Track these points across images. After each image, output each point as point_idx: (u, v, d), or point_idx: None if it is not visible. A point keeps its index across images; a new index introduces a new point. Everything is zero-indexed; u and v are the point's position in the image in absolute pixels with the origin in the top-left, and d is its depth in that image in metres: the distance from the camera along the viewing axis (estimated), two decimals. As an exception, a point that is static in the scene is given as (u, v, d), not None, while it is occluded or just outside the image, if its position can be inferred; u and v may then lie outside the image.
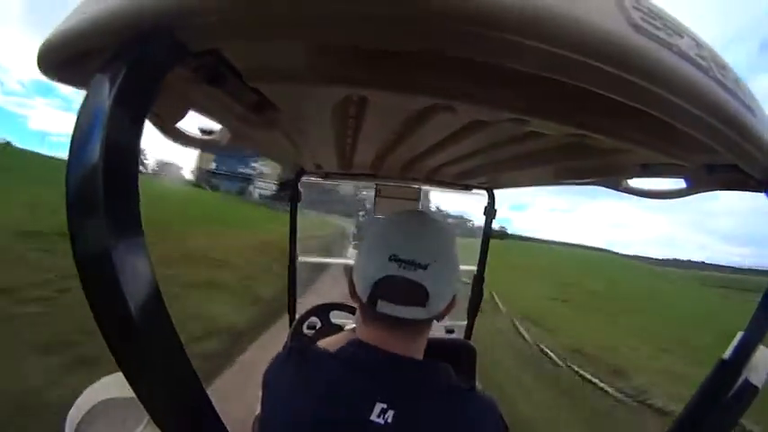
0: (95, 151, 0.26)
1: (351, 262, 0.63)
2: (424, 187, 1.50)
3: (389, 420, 0.51)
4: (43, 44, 0.35)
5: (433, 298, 0.56)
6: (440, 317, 0.62)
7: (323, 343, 0.83)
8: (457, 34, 0.29)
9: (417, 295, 0.56)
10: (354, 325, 1.07)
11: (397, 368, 0.57)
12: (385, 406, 0.52)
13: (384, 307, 0.57)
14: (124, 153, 0.27)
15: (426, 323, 0.61)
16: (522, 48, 0.29)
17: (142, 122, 0.29)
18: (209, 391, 0.32)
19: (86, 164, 0.26)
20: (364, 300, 0.59)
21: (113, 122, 0.27)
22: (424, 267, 0.56)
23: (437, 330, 1.83)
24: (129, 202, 0.28)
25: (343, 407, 0.52)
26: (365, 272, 0.59)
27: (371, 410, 0.51)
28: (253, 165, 40.28)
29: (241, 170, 40.78)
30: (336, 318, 1.60)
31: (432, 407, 0.54)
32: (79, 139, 0.27)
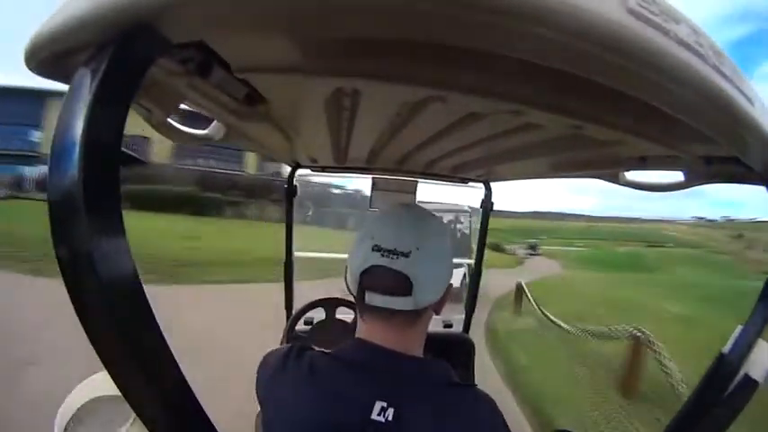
0: (77, 145, 0.26)
1: None
2: (421, 180, 1.49)
3: (390, 418, 0.51)
4: (30, 41, 0.35)
5: (419, 287, 0.56)
6: (435, 308, 0.61)
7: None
8: (450, 22, 0.28)
9: (401, 284, 0.55)
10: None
11: (395, 365, 0.56)
12: (385, 404, 0.52)
13: (371, 298, 0.57)
14: (105, 147, 0.27)
15: (417, 314, 0.59)
16: (516, 35, 0.28)
17: (124, 116, 0.28)
18: None
19: (67, 158, 0.26)
20: (355, 293, 0.60)
21: (95, 117, 0.26)
22: (406, 255, 0.55)
23: (436, 324, 1.84)
24: (110, 197, 0.27)
25: (344, 407, 0.52)
26: (353, 265, 0.59)
27: (372, 409, 0.51)
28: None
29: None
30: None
31: (431, 404, 0.54)
32: (61, 134, 0.27)
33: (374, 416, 0.51)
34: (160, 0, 0.27)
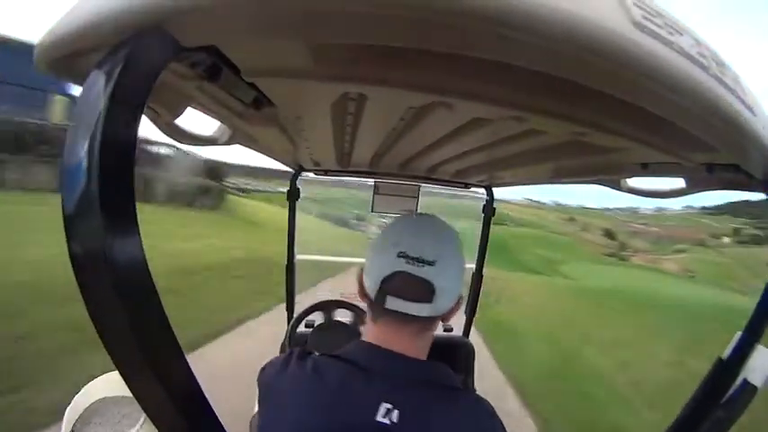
0: (91, 146, 0.26)
1: (354, 260, 0.64)
2: (423, 185, 1.50)
3: (395, 420, 0.51)
4: (41, 41, 0.35)
5: (439, 295, 0.57)
6: (446, 317, 0.63)
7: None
8: (457, 31, 0.29)
9: (424, 291, 0.57)
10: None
11: (401, 368, 0.57)
12: (390, 406, 0.52)
13: (392, 303, 0.58)
14: (120, 148, 0.27)
15: (432, 321, 0.61)
16: (523, 45, 0.29)
17: (138, 118, 0.29)
18: None
19: (82, 159, 0.26)
20: (373, 297, 0.60)
21: (109, 118, 0.26)
22: (432, 264, 0.57)
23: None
24: (124, 198, 0.28)
25: (349, 408, 0.52)
26: (374, 269, 0.60)
27: (377, 411, 0.51)
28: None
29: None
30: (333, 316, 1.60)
31: (435, 407, 0.54)
32: (75, 135, 0.27)
33: (379, 417, 0.51)
34: (173, 4, 0.27)
